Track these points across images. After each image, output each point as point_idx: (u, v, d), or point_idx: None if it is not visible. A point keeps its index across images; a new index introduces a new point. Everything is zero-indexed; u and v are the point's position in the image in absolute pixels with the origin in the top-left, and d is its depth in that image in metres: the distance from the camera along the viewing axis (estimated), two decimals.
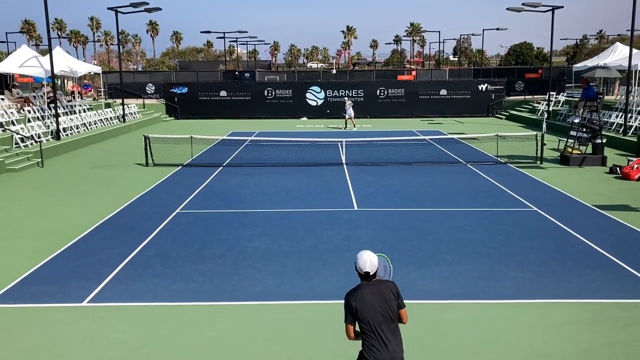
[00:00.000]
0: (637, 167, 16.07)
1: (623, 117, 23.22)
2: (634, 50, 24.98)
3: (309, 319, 7.29)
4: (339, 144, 21.33)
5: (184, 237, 10.81)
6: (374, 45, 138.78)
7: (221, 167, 18.42)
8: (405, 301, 7.68)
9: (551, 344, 6.56)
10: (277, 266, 9.13)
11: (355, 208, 12.99)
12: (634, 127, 22.87)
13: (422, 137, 25.28)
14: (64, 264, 9.34)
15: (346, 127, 30.89)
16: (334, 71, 57.62)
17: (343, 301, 4.74)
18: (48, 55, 23.87)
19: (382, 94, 37.44)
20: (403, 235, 10.80)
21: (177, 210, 12.80)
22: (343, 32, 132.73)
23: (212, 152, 21.83)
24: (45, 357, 6.41)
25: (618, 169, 16.76)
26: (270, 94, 37.68)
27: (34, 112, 24.42)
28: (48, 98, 26.82)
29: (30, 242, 10.66)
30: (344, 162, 19.02)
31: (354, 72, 63.87)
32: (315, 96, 37.76)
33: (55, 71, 24.88)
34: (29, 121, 22.99)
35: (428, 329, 6.98)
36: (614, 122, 24.38)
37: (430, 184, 15.53)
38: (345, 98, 33.86)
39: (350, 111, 30.86)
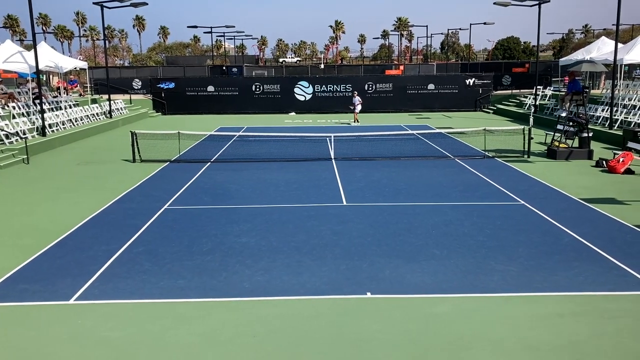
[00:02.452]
0: (622, 161, 16.22)
1: (609, 111, 23.41)
2: (620, 45, 25.19)
3: (298, 314, 7.28)
4: (327, 139, 21.31)
5: (172, 233, 10.74)
6: (362, 40, 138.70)
7: (209, 163, 18.34)
8: (395, 295, 7.77)
9: (539, 336, 6.60)
10: (266, 262, 9.10)
11: (344, 203, 12.99)
12: (619, 120, 23.07)
13: (410, 131, 25.32)
14: (51, 262, 9.25)
15: (356, 121, 30.71)
16: (322, 66, 57.54)
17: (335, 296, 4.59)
18: (33, 51, 23.59)
19: (370, 88, 37.45)
20: (392, 229, 10.82)
21: (165, 207, 12.73)
22: (331, 26, 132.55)
23: (199, 147, 21.71)
24: (32, 356, 6.35)
25: (604, 162, 16.91)
26: (258, 89, 37.57)
27: (19, 108, 24.14)
28: (33, 94, 26.54)
29: (15, 239, 10.55)
30: (332, 157, 19.01)
31: (342, 66, 63.81)
32: (303, 91, 37.70)
33: (41, 67, 24.61)
34: (14, 117, 22.72)
35: (417, 322, 7.00)
36: (600, 116, 24.58)
37: (419, 179, 15.57)
38: (355, 92, 33.29)
39: (356, 106, 30.90)
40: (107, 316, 7.27)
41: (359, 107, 30.94)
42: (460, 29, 72.55)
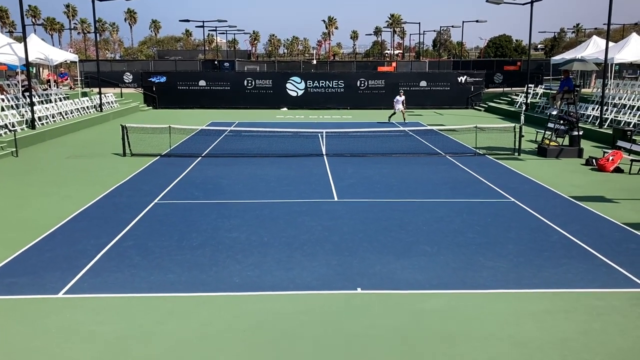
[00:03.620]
0: (612, 159, 16.33)
1: (599, 109, 23.55)
2: (610, 44, 25.33)
3: (288, 309, 7.27)
4: (319, 134, 21.29)
5: (162, 227, 10.69)
6: (355, 36, 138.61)
7: (200, 158, 18.27)
8: (384, 291, 7.79)
9: (528, 332, 6.64)
10: (257, 257, 9.09)
11: (336, 199, 12.99)
12: (609, 119, 23.22)
13: (401, 128, 25.35)
14: (39, 255, 9.18)
15: (404, 119, 28.94)
16: (315, 61, 57.46)
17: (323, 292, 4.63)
18: (22, 43, 23.36)
19: (362, 85, 37.44)
20: (383, 225, 10.83)
21: (155, 201, 12.67)
22: (324, 21, 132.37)
23: (190, 142, 21.63)
24: (20, 350, 6.30)
25: (594, 160, 17.02)
26: (250, 84, 37.44)
27: (8, 100, 23.91)
28: (23, 86, 26.29)
29: (4, 233, 10.45)
30: (324, 153, 18.99)
31: (334, 62, 63.78)
32: (295, 87, 37.62)
33: (30, 59, 24.38)
34: (3, 110, 22.48)
35: (407, 318, 7.01)
36: (590, 115, 24.73)
37: (410, 175, 15.60)
38: (401, 91, 30.90)
39: (398, 105, 28.97)
40: (96, 310, 7.23)
41: (400, 106, 28.85)
42: (452, 26, 72.74)
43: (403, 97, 29.40)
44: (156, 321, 6.94)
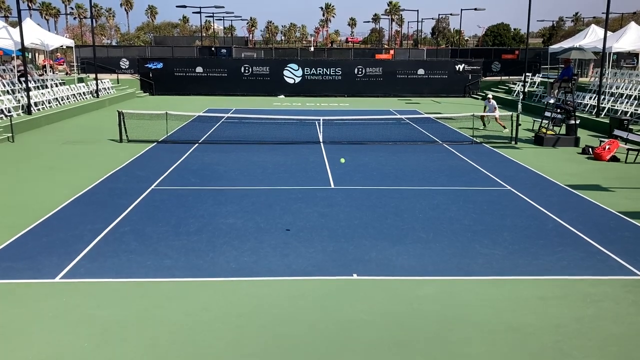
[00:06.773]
0: (608, 148, 16.37)
1: (596, 98, 23.54)
2: (609, 33, 25.28)
3: (284, 295, 7.31)
4: (316, 122, 21.26)
5: (159, 213, 10.70)
6: (352, 23, 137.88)
7: (197, 144, 18.23)
8: (380, 277, 7.83)
9: (522, 319, 6.69)
10: (253, 243, 9.11)
11: (332, 186, 13.00)
12: (606, 108, 23.23)
13: (399, 116, 25.32)
14: (36, 240, 9.19)
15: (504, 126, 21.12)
16: (312, 48, 57.18)
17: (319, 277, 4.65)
18: (18, 28, 23.19)
19: (360, 72, 37.32)
20: (379, 213, 10.86)
21: (152, 187, 12.66)
22: (321, 8, 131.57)
23: (187, 128, 21.58)
24: (16, 334, 6.32)
25: (590, 149, 17.06)
26: (247, 71, 37.28)
27: (4, 85, 23.77)
28: (18, 71, 26.13)
29: (0, 218, 10.44)
30: (321, 140, 18.97)
31: (332, 50, 63.48)
32: (292, 74, 37.47)
33: (26, 44, 24.22)
34: None
35: (403, 304, 7.06)
36: (587, 104, 24.72)
37: (407, 163, 15.61)
38: (490, 95, 23.59)
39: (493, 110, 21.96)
40: (92, 295, 7.25)
41: (497, 113, 21.85)
42: (451, 14, 72.26)
43: (494, 102, 22.43)
44: (152, 306, 6.97)
